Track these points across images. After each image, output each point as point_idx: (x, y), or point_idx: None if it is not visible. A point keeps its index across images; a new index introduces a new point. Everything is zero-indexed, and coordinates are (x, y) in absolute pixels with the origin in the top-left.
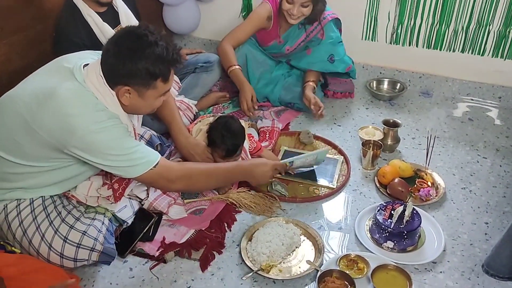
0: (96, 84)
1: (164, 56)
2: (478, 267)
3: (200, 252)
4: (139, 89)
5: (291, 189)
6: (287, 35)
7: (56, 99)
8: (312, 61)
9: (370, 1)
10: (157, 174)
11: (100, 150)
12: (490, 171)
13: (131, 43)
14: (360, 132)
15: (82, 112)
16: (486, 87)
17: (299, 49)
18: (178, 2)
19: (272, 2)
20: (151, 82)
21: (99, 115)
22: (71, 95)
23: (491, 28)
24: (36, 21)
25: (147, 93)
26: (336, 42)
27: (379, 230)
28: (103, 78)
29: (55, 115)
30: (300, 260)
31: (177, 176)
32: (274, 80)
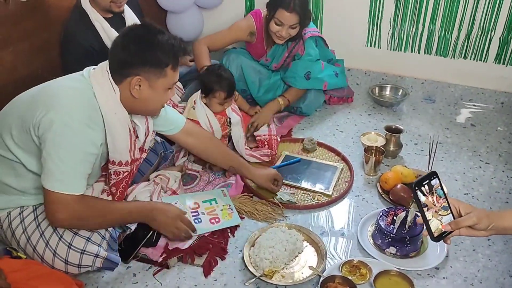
0: (100, 79)
1: (173, 42)
2: (481, 273)
3: (203, 258)
4: (150, 77)
5: (295, 196)
6: (272, 53)
7: (51, 85)
8: (290, 75)
9: (372, 8)
10: (56, 200)
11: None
12: (492, 176)
13: (141, 33)
14: (362, 138)
15: (70, 96)
16: (488, 93)
17: (285, 64)
18: (181, 9)
19: (255, 17)
20: (162, 70)
21: (83, 111)
22: (68, 83)
23: (493, 34)
24: (42, 29)
25: (158, 82)
26: (314, 59)
27: (382, 235)
28: (109, 73)
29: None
30: (302, 266)
31: (70, 215)
32: (273, 86)
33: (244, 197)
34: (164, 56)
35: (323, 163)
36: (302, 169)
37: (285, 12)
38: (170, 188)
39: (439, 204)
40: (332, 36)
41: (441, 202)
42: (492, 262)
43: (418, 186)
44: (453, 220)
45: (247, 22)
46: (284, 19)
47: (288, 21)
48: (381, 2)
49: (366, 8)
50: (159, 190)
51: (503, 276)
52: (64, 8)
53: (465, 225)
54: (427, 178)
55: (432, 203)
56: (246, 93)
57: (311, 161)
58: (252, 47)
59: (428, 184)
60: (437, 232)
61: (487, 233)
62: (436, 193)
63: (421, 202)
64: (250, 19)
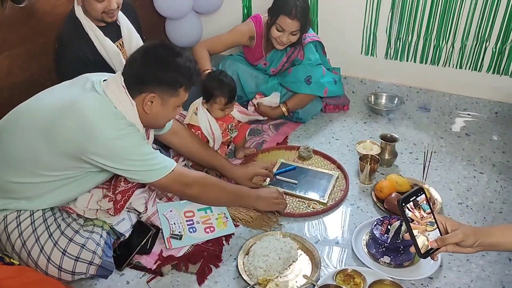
0: (117, 94)
1: (190, 66)
2: (474, 283)
3: (197, 265)
4: (163, 96)
5: (290, 204)
6: (271, 58)
7: (78, 107)
8: (290, 80)
9: (368, 17)
10: (173, 179)
11: (120, 156)
12: (486, 186)
13: (162, 52)
14: (357, 146)
15: (102, 120)
16: (483, 103)
17: (284, 69)
18: (180, 16)
19: (255, 22)
20: (176, 90)
21: (119, 123)
22: (92, 104)
23: (488, 44)
24: (38, 34)
25: (171, 101)
26: (314, 64)
27: (376, 245)
28: (125, 88)
29: (76, 123)
30: (297, 274)
31: (194, 181)
32: (271, 90)
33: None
34: (180, 78)
35: (319, 171)
36: (298, 176)
37: (287, 19)
38: (165, 195)
39: (425, 220)
40: (328, 44)
41: (427, 218)
42: (486, 272)
43: (405, 202)
44: (440, 237)
45: (247, 26)
46: (285, 26)
47: (289, 28)
48: (376, 11)
49: (362, 16)
50: (154, 196)
51: (496, 287)
52: (60, 15)
53: (452, 242)
54: (414, 194)
55: (418, 218)
56: (242, 99)
57: (306, 169)
58: (250, 52)
59: (414, 200)
60: (424, 249)
61: (474, 249)
62: (421, 208)
63: (408, 218)
64: (250, 23)
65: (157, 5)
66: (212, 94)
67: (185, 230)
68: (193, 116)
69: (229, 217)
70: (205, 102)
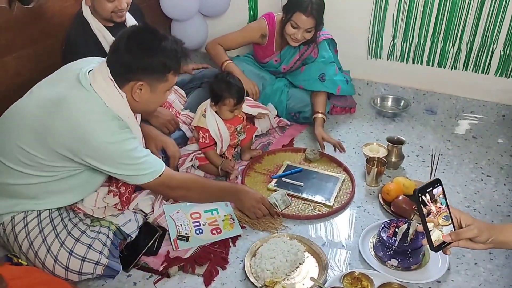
0: (105, 87)
1: (176, 48)
2: (483, 287)
3: (204, 267)
4: (152, 83)
5: (296, 206)
6: (283, 55)
7: (66, 107)
8: (304, 78)
9: (375, 19)
10: (159, 182)
11: (112, 159)
12: (494, 189)
13: (145, 38)
14: (364, 148)
15: (94, 122)
16: (490, 105)
17: (295, 67)
18: (186, 17)
19: (268, 20)
20: (165, 75)
21: (111, 126)
22: (80, 103)
23: (495, 47)
24: (45, 35)
25: (160, 86)
26: (328, 61)
27: (383, 248)
28: (112, 80)
29: (67, 124)
30: (304, 277)
31: (178, 185)
32: (276, 91)
33: None
34: (167, 62)
35: (325, 173)
36: (304, 179)
37: (302, 16)
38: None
39: (440, 213)
40: None
41: (443, 211)
42: (494, 276)
43: (422, 192)
44: (454, 231)
45: (260, 24)
46: (300, 23)
47: (304, 25)
48: (383, 13)
49: (368, 19)
50: (161, 198)
51: None
52: (68, 15)
53: (466, 237)
54: (431, 186)
55: (434, 212)
56: None
57: (312, 171)
58: (261, 49)
59: (430, 192)
60: (437, 242)
61: (486, 246)
62: (438, 202)
63: (423, 210)
64: (263, 21)
65: (164, 7)
66: (221, 96)
67: (192, 231)
68: (201, 118)
69: (235, 219)
70: (214, 105)
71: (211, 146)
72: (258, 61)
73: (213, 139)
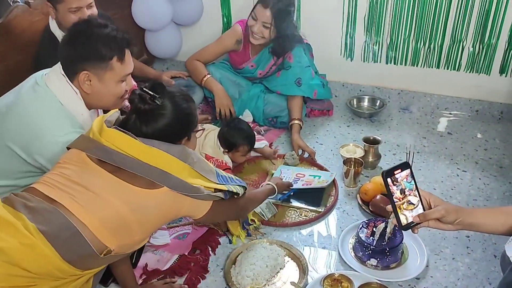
0: (57, 84)
1: (116, 34)
2: (461, 282)
3: (184, 277)
4: (97, 72)
5: (281, 214)
6: (258, 60)
7: (21, 106)
8: (280, 83)
9: (346, 20)
10: None
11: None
12: (470, 184)
13: (81, 27)
14: (341, 150)
15: (47, 118)
16: (463, 101)
17: (271, 72)
18: (159, 27)
19: (242, 25)
20: (107, 62)
21: (64, 123)
22: (34, 101)
23: (464, 44)
24: (16, 51)
25: (106, 75)
26: (304, 66)
27: (362, 248)
28: (65, 76)
29: (20, 121)
30: (284, 282)
31: None
32: (253, 98)
33: None
34: (105, 49)
35: None
36: None
37: (261, 7)
38: None
39: (406, 197)
40: None
41: (412, 194)
42: (472, 270)
43: (389, 175)
44: (422, 213)
45: (234, 31)
46: (258, 14)
47: (261, 17)
48: (354, 14)
49: (340, 20)
50: None
51: (482, 284)
52: (38, 30)
53: (433, 218)
54: (399, 168)
55: (399, 197)
56: None
57: None
58: (237, 56)
59: (399, 174)
60: (405, 222)
61: (454, 227)
62: (404, 184)
63: (391, 191)
64: (237, 27)
65: (136, 18)
66: (235, 144)
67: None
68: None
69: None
70: (228, 152)
71: (228, 170)
72: (234, 67)
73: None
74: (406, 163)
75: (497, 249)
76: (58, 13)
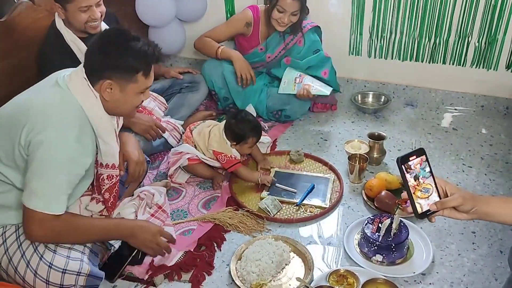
0: (79, 87)
1: (147, 49)
2: (467, 277)
3: (190, 273)
4: (121, 82)
5: (287, 210)
6: (268, 43)
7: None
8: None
9: (353, 17)
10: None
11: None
12: (475, 180)
13: (115, 37)
14: (346, 146)
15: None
16: (468, 97)
17: (279, 57)
18: (163, 24)
19: (253, 10)
20: (133, 75)
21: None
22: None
23: (470, 39)
24: (20, 48)
25: (129, 87)
26: (314, 48)
27: (368, 243)
28: (87, 80)
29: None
30: (290, 277)
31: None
32: (257, 91)
33: (228, 210)
34: (135, 63)
35: (314, 175)
36: (296, 184)
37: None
38: (155, 204)
39: (422, 184)
40: None
41: (427, 181)
42: (478, 266)
43: (403, 161)
44: (439, 200)
45: (244, 14)
46: (286, 6)
47: (290, 8)
48: (360, 10)
49: (346, 16)
50: (144, 205)
51: (488, 280)
52: (42, 28)
53: (451, 206)
54: (414, 154)
55: (414, 185)
56: (228, 101)
57: (302, 175)
58: (245, 40)
59: (414, 161)
60: (421, 210)
61: (469, 216)
62: (419, 170)
63: (406, 178)
64: (247, 11)
65: (140, 14)
66: (243, 136)
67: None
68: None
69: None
70: (235, 144)
71: (239, 164)
72: (242, 53)
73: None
74: (421, 149)
75: (503, 244)
76: (67, 13)
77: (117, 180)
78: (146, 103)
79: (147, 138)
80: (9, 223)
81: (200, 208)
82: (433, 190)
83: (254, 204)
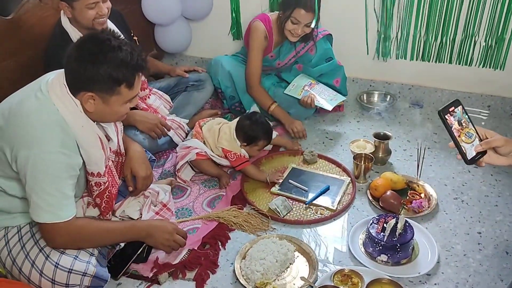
0: (59, 94)
1: (128, 60)
2: (473, 278)
3: (194, 272)
4: (102, 95)
5: (297, 211)
6: (278, 50)
7: (20, 112)
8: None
9: (358, 15)
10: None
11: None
12: (481, 180)
13: (93, 47)
14: (351, 145)
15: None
16: (475, 97)
17: (289, 64)
18: (169, 22)
19: (264, 21)
20: (115, 88)
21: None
22: (34, 108)
23: (477, 39)
24: (27, 46)
25: (111, 99)
26: (327, 55)
27: (373, 243)
28: (67, 87)
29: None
30: (294, 276)
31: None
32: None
33: (233, 209)
34: (117, 74)
35: (329, 176)
36: (308, 182)
37: (302, 11)
38: (160, 202)
39: (464, 130)
40: None
41: (470, 126)
42: (483, 266)
43: (444, 112)
44: (484, 141)
45: (258, 30)
46: (300, 18)
47: (304, 20)
48: (366, 10)
49: (352, 16)
50: (149, 203)
51: (494, 281)
52: (48, 26)
53: (495, 145)
54: (452, 106)
55: (458, 129)
56: (234, 100)
57: (317, 174)
58: None
59: (453, 112)
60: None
61: (506, 161)
62: (463, 119)
63: (451, 127)
64: (259, 24)
65: (146, 12)
66: (255, 138)
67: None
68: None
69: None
70: (246, 145)
71: (247, 162)
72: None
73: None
74: (457, 100)
75: (509, 245)
76: (74, 11)
77: (106, 187)
78: (152, 101)
79: (152, 136)
80: (11, 225)
81: (204, 207)
82: (475, 136)
83: (264, 204)
